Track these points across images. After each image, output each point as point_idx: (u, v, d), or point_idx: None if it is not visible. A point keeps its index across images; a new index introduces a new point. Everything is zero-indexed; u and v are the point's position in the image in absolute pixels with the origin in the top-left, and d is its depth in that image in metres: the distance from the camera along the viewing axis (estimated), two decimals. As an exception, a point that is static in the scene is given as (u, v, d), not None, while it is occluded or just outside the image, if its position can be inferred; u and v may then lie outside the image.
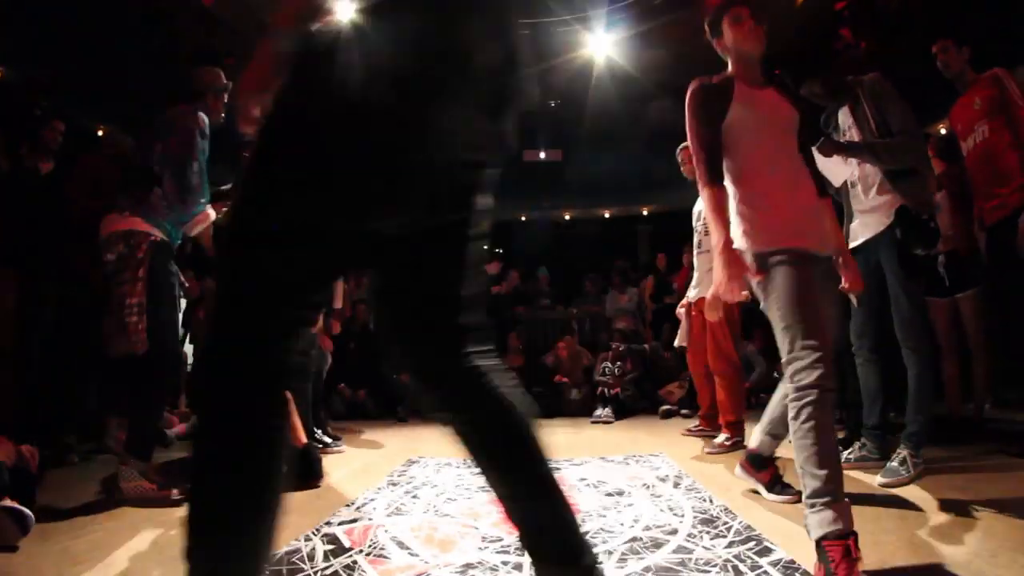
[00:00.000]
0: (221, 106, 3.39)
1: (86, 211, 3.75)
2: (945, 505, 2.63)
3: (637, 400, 6.56)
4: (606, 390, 6.35)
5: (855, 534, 1.81)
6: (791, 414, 2.03)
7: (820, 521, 1.84)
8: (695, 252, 4.62)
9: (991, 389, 4.62)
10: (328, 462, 3.89)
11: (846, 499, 1.88)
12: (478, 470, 1.42)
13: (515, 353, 7.33)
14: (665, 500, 2.88)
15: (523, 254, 11.40)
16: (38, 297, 3.92)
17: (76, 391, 4.24)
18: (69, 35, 6.59)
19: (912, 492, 2.87)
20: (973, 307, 4.03)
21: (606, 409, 6.11)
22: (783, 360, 2.11)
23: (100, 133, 6.73)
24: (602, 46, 9.41)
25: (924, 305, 3.25)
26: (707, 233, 4.48)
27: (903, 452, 3.08)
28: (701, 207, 4.64)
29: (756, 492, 2.93)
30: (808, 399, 1.97)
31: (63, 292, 3.99)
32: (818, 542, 1.83)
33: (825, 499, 1.86)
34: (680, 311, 4.70)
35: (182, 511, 1.21)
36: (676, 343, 4.78)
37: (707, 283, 4.42)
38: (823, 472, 1.89)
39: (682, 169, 4.71)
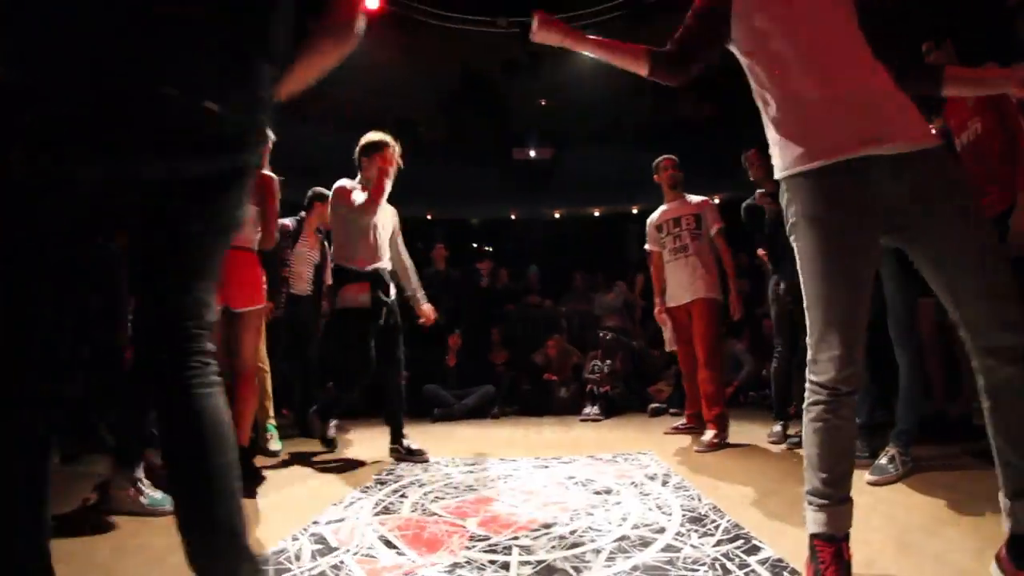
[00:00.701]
0: None
1: None
2: (933, 503, 2.63)
3: (626, 398, 6.56)
4: (595, 388, 6.35)
5: (848, 535, 1.78)
6: (805, 403, 1.84)
7: (815, 519, 1.78)
8: (667, 259, 4.65)
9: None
10: (315, 461, 3.89)
11: (849, 500, 1.78)
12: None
13: (498, 349, 7.32)
14: (653, 498, 2.87)
15: (513, 252, 11.39)
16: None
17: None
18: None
19: (900, 490, 2.87)
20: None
21: (595, 407, 6.11)
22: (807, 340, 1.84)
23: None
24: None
25: (917, 305, 3.26)
26: (684, 239, 4.53)
27: (892, 450, 3.08)
28: (662, 217, 4.73)
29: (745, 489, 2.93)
30: (817, 398, 1.78)
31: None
32: (811, 538, 1.80)
33: (823, 501, 1.77)
34: (663, 317, 4.72)
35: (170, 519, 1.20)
36: (667, 348, 4.82)
37: (685, 288, 4.50)
38: (824, 475, 1.77)
39: (655, 177, 4.77)
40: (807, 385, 1.82)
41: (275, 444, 4.22)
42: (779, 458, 3.75)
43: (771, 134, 1.90)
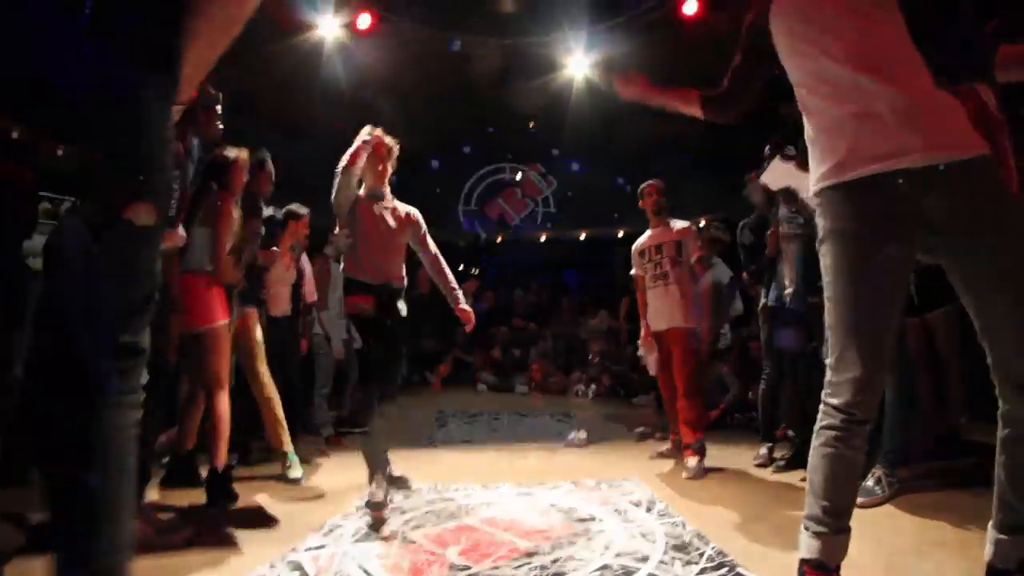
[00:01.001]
0: (215, 118, 3.31)
1: None
2: (920, 524, 2.63)
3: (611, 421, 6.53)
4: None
5: (840, 566, 1.73)
6: (817, 426, 1.79)
7: (809, 545, 1.74)
8: (648, 285, 4.66)
9: (966, 404, 4.62)
10: (295, 485, 3.83)
11: (847, 531, 1.74)
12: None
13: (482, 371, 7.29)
14: (637, 526, 2.83)
15: (499, 274, 11.41)
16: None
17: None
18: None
19: (887, 512, 2.87)
20: (945, 326, 4.03)
21: (580, 432, 6.05)
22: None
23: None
24: (582, 67, 9.49)
25: (904, 325, 3.26)
26: (665, 267, 4.52)
27: (878, 471, 3.07)
28: (644, 243, 4.73)
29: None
30: (830, 423, 1.73)
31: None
32: (801, 562, 1.76)
33: (820, 528, 1.72)
34: (649, 340, 4.70)
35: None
36: (651, 372, 4.81)
37: (663, 315, 4.49)
38: (825, 503, 1.72)
39: (640, 203, 4.78)
40: (821, 407, 1.77)
41: (295, 471, 4.02)
42: (764, 483, 3.73)
43: (809, 150, 1.87)
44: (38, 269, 1.18)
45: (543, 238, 13.37)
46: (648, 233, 4.73)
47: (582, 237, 13.19)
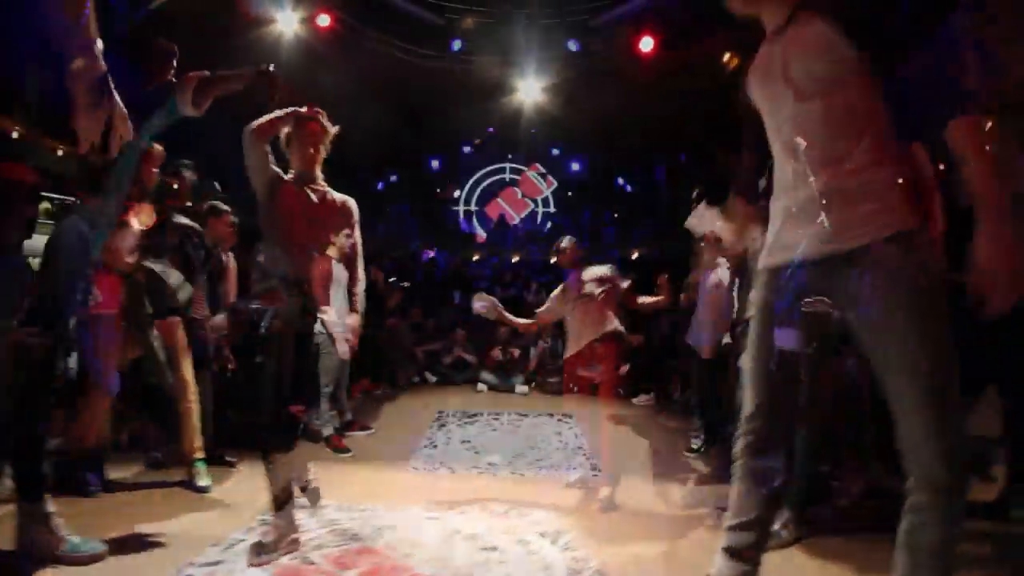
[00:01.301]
0: (169, 68, 3.27)
1: None
2: (824, 570, 2.73)
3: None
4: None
5: None
6: None
7: (716, 564, 1.86)
8: (571, 308, 4.55)
9: (881, 449, 4.73)
10: (198, 495, 3.74)
11: (756, 563, 1.86)
12: None
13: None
14: (540, 558, 2.86)
15: (430, 290, 11.40)
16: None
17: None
18: None
19: (792, 557, 2.95)
20: (861, 370, 4.12)
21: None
22: None
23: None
24: (530, 92, 9.61)
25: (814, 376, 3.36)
26: (592, 288, 4.53)
27: (785, 514, 3.13)
28: (567, 283, 4.72)
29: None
30: (736, 462, 1.92)
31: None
32: None
33: (728, 544, 1.87)
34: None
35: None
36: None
37: (590, 326, 4.44)
38: (730, 521, 1.90)
39: (553, 259, 4.81)
40: None
41: (203, 480, 3.92)
42: (674, 519, 3.76)
43: None
44: (38, 269, 1.21)
45: (475, 257, 13.40)
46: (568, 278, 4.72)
47: (515, 259, 13.24)
